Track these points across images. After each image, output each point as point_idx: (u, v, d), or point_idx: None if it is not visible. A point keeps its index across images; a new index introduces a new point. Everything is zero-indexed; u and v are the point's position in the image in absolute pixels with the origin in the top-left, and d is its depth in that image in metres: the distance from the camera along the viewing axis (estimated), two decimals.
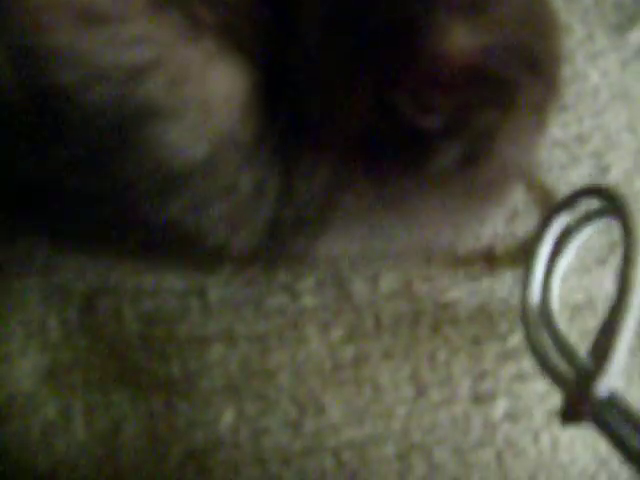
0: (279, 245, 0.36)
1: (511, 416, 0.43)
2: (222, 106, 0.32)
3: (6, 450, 0.45)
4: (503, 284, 0.45)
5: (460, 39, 0.31)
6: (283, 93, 0.34)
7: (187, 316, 0.42)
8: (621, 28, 0.44)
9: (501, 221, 0.45)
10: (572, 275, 0.45)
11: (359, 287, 0.43)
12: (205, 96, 0.32)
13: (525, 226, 0.45)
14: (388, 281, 0.43)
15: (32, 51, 0.31)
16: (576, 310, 0.45)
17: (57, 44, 0.30)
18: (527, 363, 0.43)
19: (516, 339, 0.44)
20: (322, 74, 0.33)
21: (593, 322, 0.45)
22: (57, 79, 0.31)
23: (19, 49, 0.31)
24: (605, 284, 0.46)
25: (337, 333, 0.43)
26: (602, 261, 0.46)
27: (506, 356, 0.43)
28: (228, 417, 0.42)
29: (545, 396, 0.43)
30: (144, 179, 0.32)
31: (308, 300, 0.43)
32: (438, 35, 0.31)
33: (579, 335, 0.44)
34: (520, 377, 0.43)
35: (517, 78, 0.31)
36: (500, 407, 0.43)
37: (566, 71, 0.43)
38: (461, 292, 0.44)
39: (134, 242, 0.35)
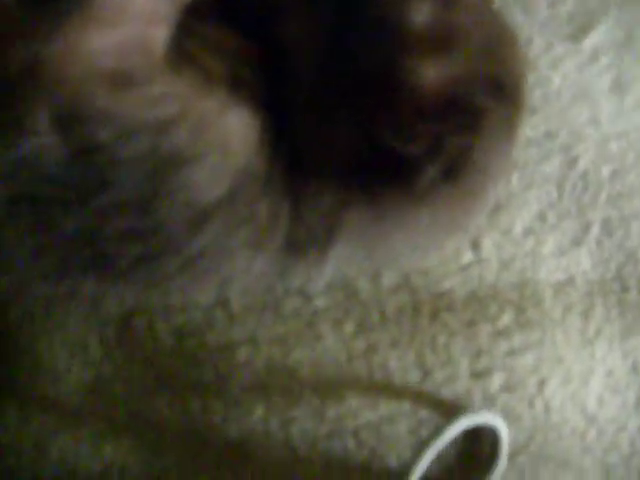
0: (295, 259, 0.41)
1: (507, 387, 0.49)
2: (238, 147, 0.37)
3: (61, 459, 0.50)
4: (489, 270, 0.50)
5: (431, 76, 0.36)
6: (286, 130, 0.39)
7: (214, 325, 0.47)
8: (576, 37, 0.50)
9: (485, 214, 0.50)
10: (551, 258, 0.51)
11: (364, 285, 0.49)
12: (223, 140, 0.37)
13: (508, 217, 0.50)
14: (389, 278, 0.49)
15: (72, 116, 0.35)
16: (558, 287, 0.51)
17: (94, 108, 0.35)
18: (518, 339, 0.49)
19: (505, 319, 0.49)
20: (317, 114, 0.38)
21: (575, 295, 0.51)
22: (96, 138, 0.35)
23: (61, 115, 0.35)
24: (582, 262, 0.51)
25: (348, 328, 0.48)
26: (577, 242, 0.51)
27: (498, 335, 0.49)
28: (258, 411, 0.48)
29: (536, 367, 0.49)
30: (177, 216, 0.37)
31: (320, 301, 0.48)
32: (412, 74, 0.36)
33: (563, 308, 0.50)
34: (512, 352, 0.49)
35: (484, 103, 0.37)
36: (497, 380, 0.49)
37: (531, 78, 0.49)
38: (454, 281, 0.49)
39: (168, 270, 0.40)
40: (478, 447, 0.50)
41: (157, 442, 0.49)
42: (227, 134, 0.37)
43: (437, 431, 0.47)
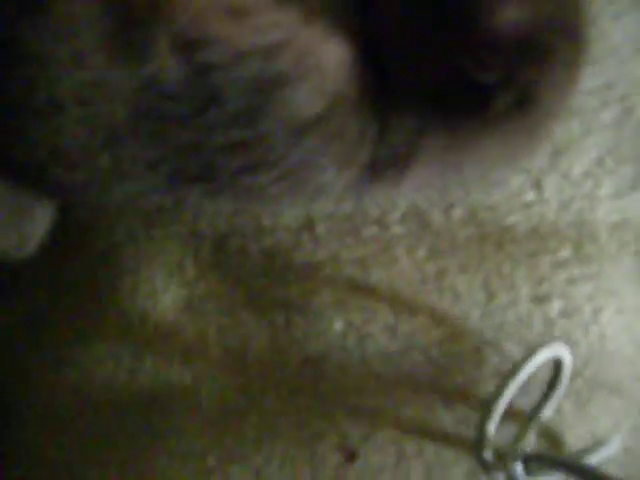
0: (375, 180, 0.46)
1: (565, 313, 0.53)
2: (334, 71, 0.43)
3: (154, 369, 0.56)
4: (550, 209, 0.55)
5: (508, 14, 0.41)
6: (376, 61, 0.44)
7: (300, 247, 0.53)
8: None
9: (545, 157, 0.55)
10: (607, 200, 0.55)
11: (436, 217, 0.53)
12: (322, 65, 0.43)
13: (567, 160, 0.55)
14: (459, 211, 0.54)
15: (192, 42, 0.41)
16: (614, 227, 0.55)
17: (212, 34, 0.41)
18: (576, 270, 0.53)
19: (565, 252, 0.54)
20: (402, 44, 0.44)
21: (630, 235, 0.55)
22: (212, 59, 0.41)
23: (182, 41, 0.41)
24: (638, 205, 0.55)
25: (421, 253, 0.53)
26: (634, 187, 0.55)
27: (558, 265, 0.53)
28: (338, 326, 0.53)
29: (592, 297, 0.53)
30: (278, 129, 0.43)
31: (396, 229, 0.53)
32: (491, 11, 0.41)
33: (618, 246, 0.55)
34: (571, 281, 0.53)
35: (553, 42, 0.42)
36: (556, 306, 0.53)
37: (592, 31, 0.53)
38: (517, 217, 0.54)
39: (267, 180, 0.45)
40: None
41: (243, 356, 0.55)
42: (325, 60, 0.43)
43: (517, 365, 0.49)
